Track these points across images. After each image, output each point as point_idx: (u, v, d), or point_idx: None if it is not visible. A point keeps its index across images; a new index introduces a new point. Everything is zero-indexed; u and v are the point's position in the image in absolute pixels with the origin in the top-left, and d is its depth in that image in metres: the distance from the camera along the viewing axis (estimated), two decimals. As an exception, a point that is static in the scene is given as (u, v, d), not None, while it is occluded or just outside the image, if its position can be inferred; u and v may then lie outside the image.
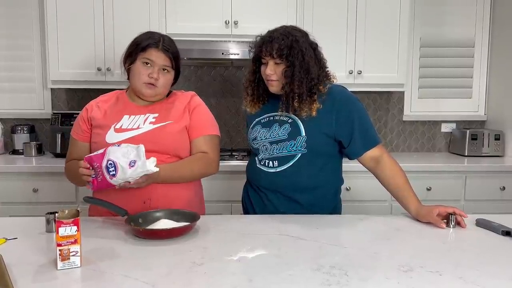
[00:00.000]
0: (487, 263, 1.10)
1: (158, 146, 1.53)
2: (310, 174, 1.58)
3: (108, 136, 1.56)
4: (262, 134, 1.62)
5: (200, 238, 1.28)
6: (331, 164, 1.64)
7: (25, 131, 3.03)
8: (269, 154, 1.60)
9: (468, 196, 2.78)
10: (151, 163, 1.36)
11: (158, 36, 1.61)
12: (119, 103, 1.66)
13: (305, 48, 1.53)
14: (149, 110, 1.62)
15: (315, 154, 1.57)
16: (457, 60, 3.30)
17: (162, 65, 1.57)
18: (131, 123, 1.58)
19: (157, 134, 1.56)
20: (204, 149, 1.61)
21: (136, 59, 1.58)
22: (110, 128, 1.57)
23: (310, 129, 1.55)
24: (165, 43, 1.58)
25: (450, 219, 1.40)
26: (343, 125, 1.56)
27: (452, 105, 3.35)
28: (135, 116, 1.60)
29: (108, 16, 2.76)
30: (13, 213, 2.50)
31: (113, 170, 1.33)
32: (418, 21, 3.23)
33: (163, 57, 1.56)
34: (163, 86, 1.60)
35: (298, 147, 1.56)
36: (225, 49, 2.71)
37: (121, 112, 1.62)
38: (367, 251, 1.18)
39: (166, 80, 1.60)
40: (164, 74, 1.58)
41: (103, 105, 1.65)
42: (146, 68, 1.56)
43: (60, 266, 1.02)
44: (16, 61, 3.09)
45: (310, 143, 1.55)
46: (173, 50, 1.60)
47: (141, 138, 1.53)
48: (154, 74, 1.55)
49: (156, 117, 1.60)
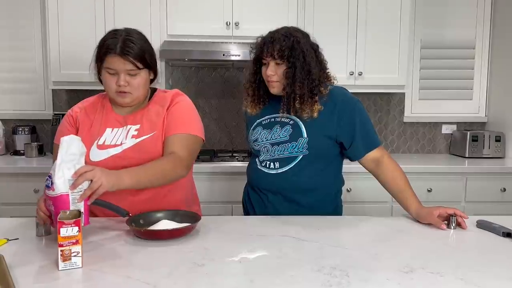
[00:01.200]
0: (488, 264, 1.10)
1: (144, 160, 1.42)
2: (311, 175, 1.58)
3: (91, 154, 1.48)
4: (263, 136, 1.62)
5: (201, 239, 1.28)
6: (332, 165, 1.64)
7: (26, 132, 3.03)
8: (270, 155, 1.60)
9: (468, 197, 2.78)
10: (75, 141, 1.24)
11: (118, 37, 1.45)
12: (104, 111, 1.57)
13: (306, 49, 1.53)
14: (130, 121, 1.53)
15: (317, 155, 1.57)
16: (458, 61, 3.31)
17: (126, 70, 1.44)
18: (113, 139, 1.50)
19: (141, 149, 1.48)
20: (172, 149, 1.46)
21: (101, 69, 1.49)
22: (93, 145, 1.50)
23: (311, 131, 1.56)
24: (125, 45, 1.43)
25: (451, 220, 1.40)
26: (345, 127, 1.56)
27: (452, 106, 3.35)
28: (117, 130, 1.52)
29: (109, 18, 2.77)
30: (14, 214, 2.50)
31: (48, 181, 1.19)
32: (419, 23, 3.24)
33: (123, 61, 1.43)
34: (136, 90, 1.48)
35: (300, 149, 1.56)
36: (226, 50, 2.72)
37: (104, 125, 1.54)
38: (368, 252, 1.18)
39: (137, 83, 1.47)
40: (133, 77, 1.46)
41: (89, 111, 1.58)
42: (112, 77, 1.46)
43: (61, 267, 1.02)
44: (17, 62, 3.10)
45: (311, 144, 1.55)
46: (135, 51, 1.44)
47: (125, 154, 1.47)
48: (120, 81, 1.44)
49: (138, 129, 1.51)
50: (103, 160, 1.47)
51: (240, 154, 2.88)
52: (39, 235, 1.28)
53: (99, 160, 1.47)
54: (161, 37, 2.79)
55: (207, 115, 3.24)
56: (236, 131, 3.26)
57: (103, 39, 1.50)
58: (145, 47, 1.49)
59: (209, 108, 3.25)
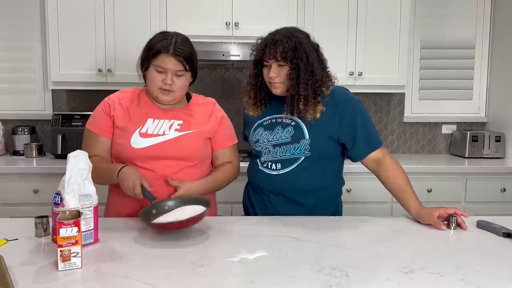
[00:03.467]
0: (488, 265, 1.10)
1: (184, 153, 1.57)
2: (313, 176, 1.58)
3: (133, 141, 1.55)
4: (264, 137, 1.62)
5: (201, 240, 1.28)
6: (333, 166, 1.64)
7: (25, 132, 3.03)
8: (272, 156, 1.59)
9: (468, 197, 2.77)
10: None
11: (170, 39, 1.54)
12: (141, 103, 1.63)
13: (308, 49, 1.53)
14: (173, 115, 1.62)
15: (319, 156, 1.57)
16: (458, 61, 3.31)
17: (175, 70, 1.53)
18: (156, 128, 1.58)
19: (183, 142, 1.58)
20: (229, 159, 1.72)
21: (149, 66, 1.56)
22: (135, 132, 1.56)
23: (313, 132, 1.55)
24: (177, 46, 1.52)
25: (451, 220, 1.40)
26: (347, 127, 1.56)
27: (452, 106, 3.35)
28: (160, 121, 1.59)
29: (109, 18, 2.77)
30: (13, 214, 2.50)
31: (57, 198, 1.21)
32: (419, 23, 3.24)
33: (175, 62, 1.52)
34: (179, 90, 1.57)
35: (302, 150, 1.55)
36: (225, 50, 2.72)
37: (145, 115, 1.60)
38: (368, 253, 1.18)
39: (181, 84, 1.56)
40: (178, 78, 1.55)
41: (125, 103, 1.63)
42: (159, 75, 1.54)
43: (61, 267, 1.02)
44: (17, 62, 3.10)
45: (314, 146, 1.55)
46: (185, 53, 1.54)
47: (167, 144, 1.56)
48: (167, 80, 1.52)
49: (181, 124, 1.61)
50: (146, 148, 1.54)
51: (240, 155, 2.86)
52: (39, 235, 1.28)
53: (141, 147, 1.55)
54: (161, 37, 2.79)
55: (207, 115, 3.24)
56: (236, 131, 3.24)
57: (153, 39, 1.58)
58: (193, 51, 1.60)
59: (209, 108, 3.24)
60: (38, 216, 1.29)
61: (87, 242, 1.20)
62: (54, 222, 1.18)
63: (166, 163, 1.55)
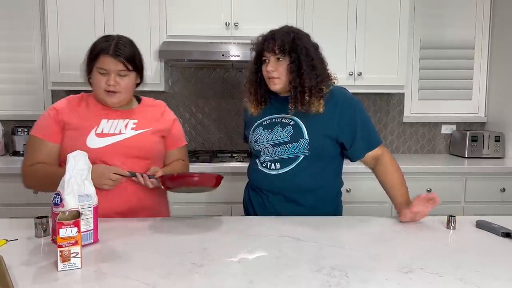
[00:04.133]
0: (487, 265, 1.10)
1: (143, 152, 1.60)
2: (312, 176, 1.58)
3: (89, 141, 1.53)
4: (263, 137, 1.62)
5: (200, 239, 1.28)
6: (332, 165, 1.65)
7: (25, 132, 3.03)
8: (271, 156, 1.60)
9: (468, 197, 2.78)
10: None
11: (111, 41, 1.56)
12: (91, 106, 1.62)
13: (308, 45, 1.55)
14: (127, 115, 1.63)
15: (318, 156, 1.57)
16: (457, 61, 3.31)
17: (116, 70, 1.54)
18: (111, 128, 1.58)
19: (141, 140, 1.60)
20: (182, 158, 1.77)
21: (92, 69, 1.57)
22: (90, 133, 1.55)
23: (312, 131, 1.55)
24: (117, 47, 1.53)
25: (450, 220, 1.40)
26: (346, 127, 1.57)
27: (452, 106, 3.36)
28: (114, 120, 1.60)
29: (108, 18, 2.77)
30: (13, 215, 2.51)
31: (57, 199, 1.21)
32: (418, 23, 3.24)
33: (115, 62, 1.52)
34: (124, 91, 1.58)
35: (301, 150, 1.55)
36: (225, 51, 2.72)
37: (98, 116, 1.59)
38: (368, 253, 1.18)
39: (125, 84, 1.57)
40: (122, 78, 1.55)
41: (75, 107, 1.61)
42: (102, 77, 1.55)
43: (60, 268, 1.02)
44: (17, 62, 3.10)
45: (312, 145, 1.55)
46: (126, 53, 1.55)
47: (125, 143, 1.57)
48: (110, 81, 1.53)
49: (136, 123, 1.62)
50: (103, 147, 1.55)
51: (239, 155, 2.88)
52: (38, 236, 1.28)
53: (99, 147, 1.54)
54: (161, 38, 2.80)
55: (206, 115, 3.24)
56: (236, 132, 3.26)
57: (96, 42, 1.60)
58: (136, 51, 1.61)
59: (208, 108, 3.25)
60: (37, 217, 1.29)
61: (86, 242, 1.20)
62: (54, 222, 1.18)
63: (124, 162, 1.55)
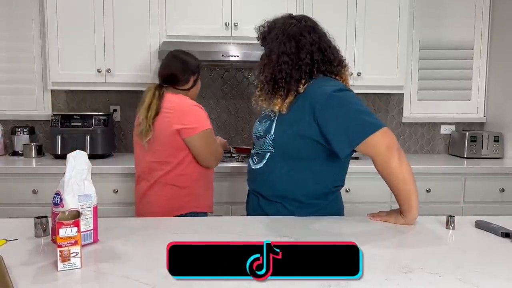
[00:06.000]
0: (486, 265, 1.10)
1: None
2: (281, 175, 1.48)
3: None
4: (254, 128, 1.61)
5: (200, 240, 1.28)
6: (311, 167, 1.49)
7: (25, 132, 3.03)
8: (255, 149, 1.58)
9: (467, 198, 2.78)
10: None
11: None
12: None
13: (287, 33, 1.49)
14: None
15: (284, 155, 1.47)
16: (456, 62, 3.31)
17: None
18: None
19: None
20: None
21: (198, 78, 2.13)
22: None
23: (279, 128, 1.47)
24: None
25: (449, 220, 1.40)
26: (319, 124, 1.41)
27: (451, 107, 3.36)
28: None
29: (108, 18, 2.77)
30: (13, 215, 2.50)
31: (57, 199, 1.21)
32: (417, 23, 3.24)
33: None
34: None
35: (267, 146, 1.49)
36: (225, 51, 2.72)
37: None
38: (367, 253, 1.17)
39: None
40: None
41: None
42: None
43: (60, 267, 1.02)
44: (16, 62, 3.10)
45: (276, 142, 1.47)
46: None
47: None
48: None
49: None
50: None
51: (239, 155, 2.88)
52: (38, 235, 1.28)
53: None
54: (160, 38, 2.80)
55: (206, 115, 3.24)
56: (235, 132, 3.26)
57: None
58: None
59: (208, 108, 3.23)
60: (37, 217, 1.29)
61: (86, 242, 1.20)
62: (54, 222, 1.18)
63: None
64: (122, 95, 3.19)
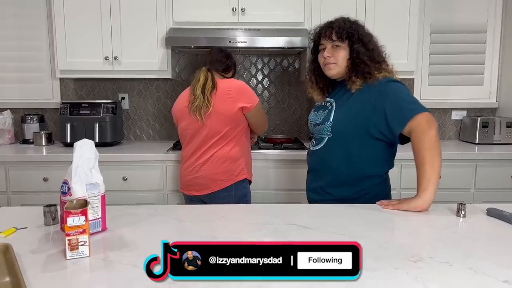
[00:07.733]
0: (497, 253, 1.08)
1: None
2: (337, 157, 1.63)
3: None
4: (311, 117, 1.76)
5: (207, 227, 1.28)
6: (365, 150, 1.62)
7: (34, 120, 3.05)
8: (313, 134, 1.74)
9: (478, 184, 2.75)
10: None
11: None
12: None
13: (364, 33, 1.68)
14: None
15: (341, 139, 1.62)
16: (469, 46, 3.25)
17: None
18: None
19: None
20: None
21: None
22: None
23: (338, 116, 1.63)
24: None
25: (460, 208, 1.38)
26: (378, 113, 1.56)
27: (463, 92, 3.30)
28: None
29: (115, 5, 2.75)
30: (24, 202, 2.54)
31: (64, 187, 1.23)
32: (429, 7, 3.17)
33: None
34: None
35: (326, 131, 1.64)
36: (232, 37, 2.69)
37: None
38: (376, 241, 1.17)
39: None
40: None
41: None
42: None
43: (69, 256, 1.03)
44: (25, 51, 3.10)
45: (335, 128, 1.62)
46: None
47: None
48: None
49: None
50: None
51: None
52: (47, 224, 1.29)
53: None
54: (167, 24, 2.78)
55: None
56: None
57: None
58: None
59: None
60: (46, 205, 1.30)
61: (94, 230, 1.21)
62: (62, 211, 1.19)
63: None
64: (130, 82, 3.19)
